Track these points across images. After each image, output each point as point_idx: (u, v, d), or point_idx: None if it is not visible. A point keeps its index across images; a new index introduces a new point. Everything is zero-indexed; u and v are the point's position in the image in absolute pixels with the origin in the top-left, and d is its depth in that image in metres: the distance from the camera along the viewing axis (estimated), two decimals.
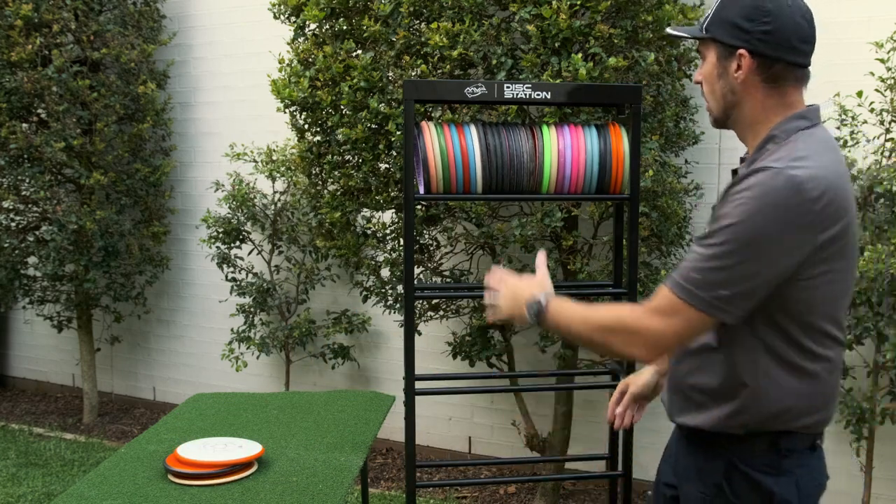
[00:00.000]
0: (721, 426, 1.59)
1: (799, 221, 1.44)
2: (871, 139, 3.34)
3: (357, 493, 3.88)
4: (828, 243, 1.47)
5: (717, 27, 1.59)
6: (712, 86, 1.63)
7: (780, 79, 1.56)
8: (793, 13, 1.54)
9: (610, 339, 1.58)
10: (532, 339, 4.06)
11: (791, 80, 1.57)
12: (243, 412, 2.74)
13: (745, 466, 1.58)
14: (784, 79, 1.56)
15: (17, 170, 4.66)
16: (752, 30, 1.54)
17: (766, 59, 1.54)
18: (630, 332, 1.55)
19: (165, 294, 5.43)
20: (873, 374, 3.33)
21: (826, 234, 1.46)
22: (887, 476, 3.56)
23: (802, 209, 1.43)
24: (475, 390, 2.79)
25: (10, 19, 4.51)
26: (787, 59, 1.54)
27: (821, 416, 1.58)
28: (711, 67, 1.62)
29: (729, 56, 1.58)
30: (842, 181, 1.50)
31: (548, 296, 1.68)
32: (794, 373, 1.54)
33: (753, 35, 1.54)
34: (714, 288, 1.47)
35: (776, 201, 1.43)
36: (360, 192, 3.58)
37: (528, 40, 3.18)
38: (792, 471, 1.59)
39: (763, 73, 1.55)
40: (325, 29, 3.54)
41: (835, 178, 1.48)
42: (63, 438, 4.96)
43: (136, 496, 2.02)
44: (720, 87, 1.61)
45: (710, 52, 1.62)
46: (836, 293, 1.53)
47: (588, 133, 2.42)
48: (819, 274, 1.48)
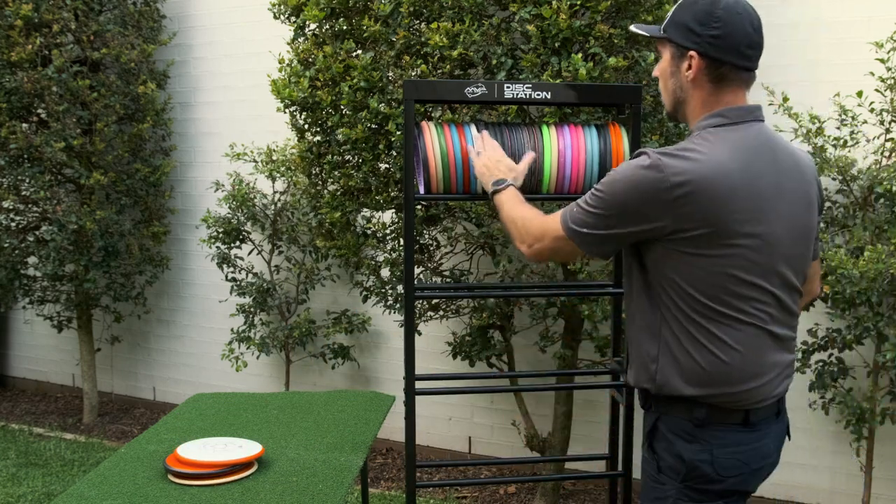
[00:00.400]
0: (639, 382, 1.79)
1: (654, 199, 1.63)
2: (871, 139, 3.34)
3: (357, 493, 3.88)
4: (687, 230, 1.62)
5: (673, 29, 1.74)
6: (666, 82, 1.80)
7: (725, 79, 1.71)
8: (742, 20, 1.68)
9: (512, 230, 1.94)
10: (532, 339, 4.06)
11: (734, 82, 1.72)
12: (243, 412, 2.74)
13: (665, 429, 1.74)
14: (729, 80, 1.71)
15: (17, 170, 4.66)
16: (703, 33, 1.68)
17: (714, 62, 1.69)
18: (525, 229, 1.89)
19: (165, 294, 5.43)
20: (873, 374, 3.33)
21: (683, 222, 1.62)
22: (887, 476, 3.57)
23: (660, 188, 1.62)
24: (475, 390, 2.78)
25: (10, 19, 4.51)
26: (733, 62, 1.69)
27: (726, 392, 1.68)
28: (666, 65, 1.78)
29: (681, 56, 1.73)
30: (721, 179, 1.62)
31: (512, 184, 2.07)
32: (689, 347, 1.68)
33: (704, 38, 1.69)
34: (581, 225, 1.75)
35: (639, 178, 1.64)
36: (360, 192, 3.58)
37: (528, 40, 3.18)
38: (707, 440, 1.70)
39: (710, 73, 1.71)
40: (325, 29, 3.54)
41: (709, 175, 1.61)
42: (63, 438, 4.96)
43: (136, 496, 2.02)
44: (672, 83, 1.78)
45: (666, 51, 1.78)
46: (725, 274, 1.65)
47: (588, 133, 2.42)
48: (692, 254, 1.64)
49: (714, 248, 1.64)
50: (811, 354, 3.34)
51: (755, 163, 1.68)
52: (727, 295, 1.66)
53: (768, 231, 1.67)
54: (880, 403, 3.31)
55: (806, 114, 3.33)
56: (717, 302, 1.66)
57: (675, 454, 1.72)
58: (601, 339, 3.57)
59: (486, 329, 3.77)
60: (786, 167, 1.73)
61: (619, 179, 1.69)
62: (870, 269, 2.93)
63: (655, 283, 1.73)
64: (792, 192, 1.73)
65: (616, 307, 2.66)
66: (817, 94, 3.54)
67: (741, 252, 1.65)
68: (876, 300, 3.02)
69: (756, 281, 1.68)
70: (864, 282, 2.96)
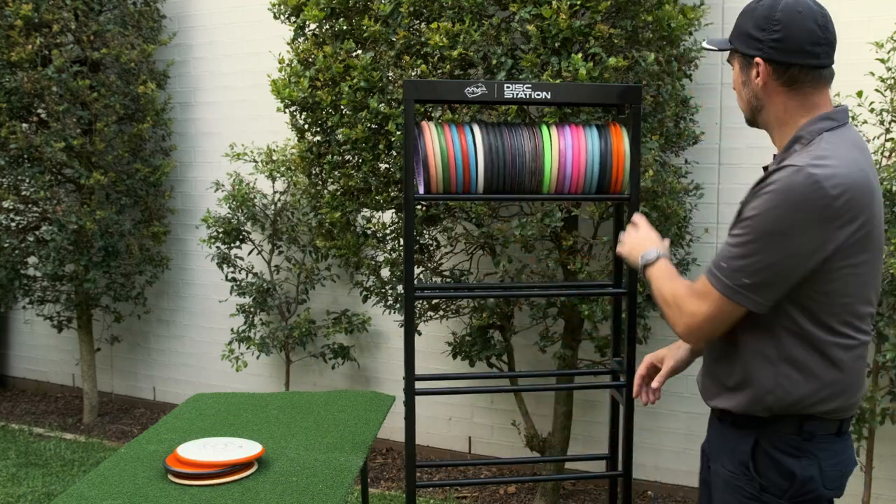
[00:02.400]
0: (747, 409, 1.69)
1: (818, 217, 1.54)
2: (871, 139, 3.34)
3: (357, 493, 3.88)
4: (849, 238, 1.57)
5: (738, 39, 1.73)
6: (740, 92, 1.77)
7: (798, 81, 1.67)
8: (804, 19, 1.65)
9: (666, 310, 1.77)
10: (532, 339, 4.06)
11: (809, 82, 1.67)
12: (243, 412, 2.74)
13: (770, 447, 1.68)
14: (801, 81, 1.67)
15: (17, 170, 4.66)
16: (765, 38, 1.66)
17: (780, 65, 1.66)
18: (676, 308, 1.72)
19: (165, 294, 5.43)
20: (873, 374, 3.33)
21: (846, 230, 1.56)
22: (887, 476, 3.57)
23: (820, 205, 1.54)
24: (475, 390, 2.78)
25: (10, 19, 4.51)
26: (799, 62, 1.65)
27: (842, 402, 1.66)
28: (737, 76, 1.76)
29: (749, 65, 1.71)
30: (864, 179, 1.59)
31: (661, 255, 1.88)
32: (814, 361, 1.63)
33: (766, 43, 1.66)
34: (738, 276, 1.60)
35: (795, 197, 1.54)
36: (360, 192, 3.58)
37: (528, 40, 3.18)
38: (815, 454, 1.66)
39: (780, 77, 1.67)
40: (325, 29, 3.54)
41: (856, 176, 1.57)
42: (63, 438, 4.96)
43: (136, 496, 2.02)
44: (746, 93, 1.75)
45: (735, 62, 1.77)
46: (856, 286, 1.62)
47: (588, 133, 2.42)
48: (841, 268, 1.58)
49: (863, 254, 1.60)
50: None
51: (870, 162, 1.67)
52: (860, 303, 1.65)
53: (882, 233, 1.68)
54: (880, 403, 3.31)
55: None
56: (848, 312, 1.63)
57: (784, 472, 1.67)
58: (601, 339, 3.57)
59: (486, 329, 3.77)
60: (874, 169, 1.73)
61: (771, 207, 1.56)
62: None
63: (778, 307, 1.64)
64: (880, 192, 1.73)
65: (616, 307, 2.66)
66: None
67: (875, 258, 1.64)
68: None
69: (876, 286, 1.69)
70: None
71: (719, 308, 1.64)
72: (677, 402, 3.97)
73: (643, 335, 3.71)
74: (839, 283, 1.60)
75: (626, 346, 2.48)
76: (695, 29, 3.52)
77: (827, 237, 1.56)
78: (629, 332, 2.47)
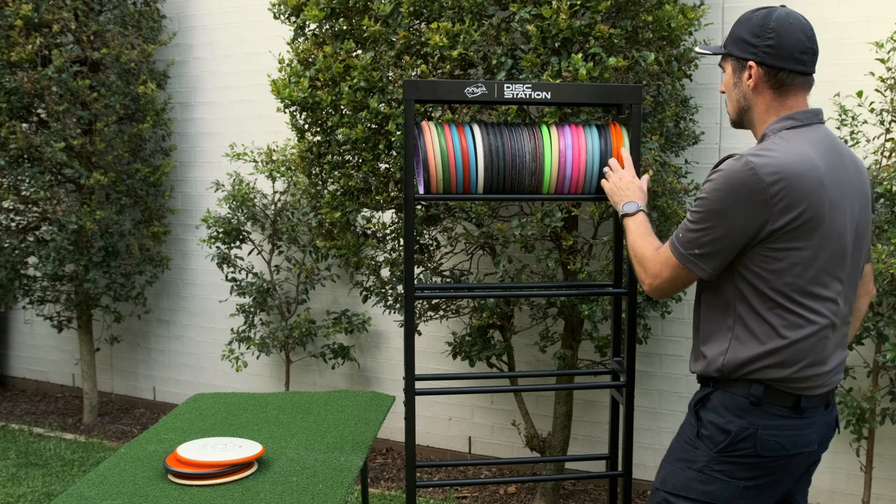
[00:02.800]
0: (706, 370, 1.91)
1: (754, 200, 1.75)
2: (871, 139, 3.34)
3: (357, 493, 3.88)
4: (790, 223, 1.75)
5: (732, 44, 1.91)
6: (730, 93, 1.95)
7: (785, 85, 1.86)
8: (794, 29, 1.84)
9: (634, 265, 2.00)
10: (532, 339, 4.06)
11: (794, 87, 1.87)
12: (243, 412, 2.74)
13: (718, 403, 1.88)
14: (788, 85, 1.86)
15: (17, 170, 4.66)
16: (759, 44, 1.85)
17: (772, 69, 1.85)
18: (642, 267, 1.96)
19: (165, 294, 5.43)
20: (873, 374, 3.33)
21: (785, 216, 1.74)
22: (887, 476, 3.57)
23: (756, 189, 1.74)
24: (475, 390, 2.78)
25: (10, 19, 4.51)
26: (789, 68, 1.84)
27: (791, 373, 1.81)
28: (729, 78, 1.94)
29: (742, 68, 1.90)
30: (806, 170, 1.76)
31: (640, 208, 2.14)
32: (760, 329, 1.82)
33: (760, 48, 1.85)
34: (690, 246, 1.84)
35: (734, 182, 1.77)
36: (360, 192, 3.58)
37: (528, 40, 3.18)
38: (755, 421, 1.83)
39: (770, 80, 1.86)
40: (325, 29, 3.54)
41: (797, 167, 1.75)
42: (63, 438, 4.96)
43: (136, 496, 2.02)
44: (736, 94, 1.93)
45: (728, 65, 1.95)
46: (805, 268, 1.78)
47: (588, 133, 2.42)
48: (786, 249, 1.77)
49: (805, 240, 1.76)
50: None
51: (832, 159, 1.83)
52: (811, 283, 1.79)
53: (843, 225, 1.82)
54: (880, 403, 3.31)
55: None
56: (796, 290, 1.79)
57: (721, 427, 1.85)
58: (601, 339, 3.57)
59: (486, 329, 3.77)
60: (850, 166, 1.88)
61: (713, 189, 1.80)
62: None
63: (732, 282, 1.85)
64: (855, 190, 1.88)
65: (616, 307, 2.66)
66: (817, 94, 3.52)
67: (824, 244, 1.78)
68: (876, 300, 3.02)
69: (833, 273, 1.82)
70: None
71: (676, 273, 1.88)
72: (677, 402, 3.97)
73: (643, 335, 3.71)
74: (785, 264, 1.77)
75: (626, 346, 2.48)
76: (695, 29, 3.52)
77: (761, 219, 1.75)
78: (629, 332, 2.48)
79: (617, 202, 2.24)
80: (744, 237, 1.78)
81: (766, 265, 1.79)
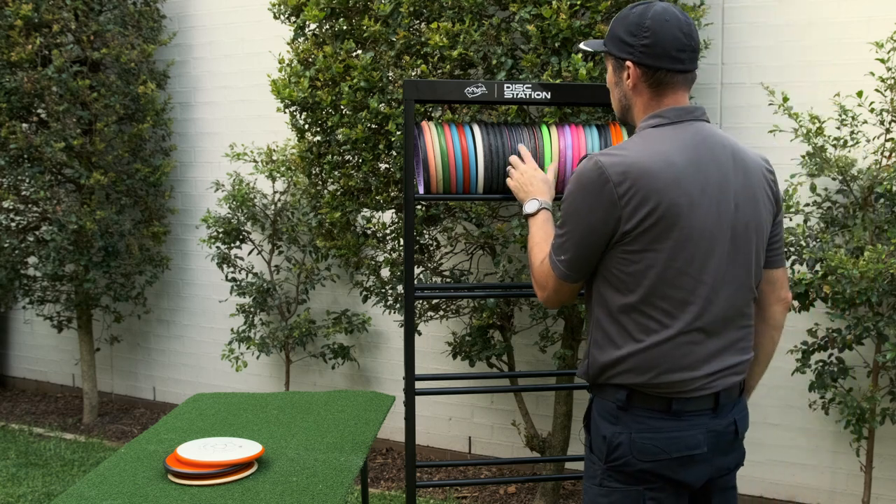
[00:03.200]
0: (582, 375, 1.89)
1: (603, 200, 1.70)
2: (871, 139, 3.34)
3: (357, 493, 3.88)
4: (642, 222, 1.68)
5: (611, 42, 1.85)
6: (613, 91, 1.90)
7: (663, 84, 1.79)
8: (670, 27, 1.76)
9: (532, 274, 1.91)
10: (532, 339, 4.06)
11: (672, 85, 1.80)
12: (243, 412, 2.74)
13: (595, 411, 1.85)
14: (666, 84, 1.79)
15: (17, 170, 4.66)
16: (635, 43, 1.78)
17: (649, 68, 1.78)
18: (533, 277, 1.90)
19: (165, 294, 5.43)
20: (873, 374, 3.33)
21: (633, 216, 1.68)
22: (887, 476, 3.57)
23: (605, 189, 1.69)
24: (475, 390, 2.78)
25: (10, 19, 4.51)
26: (667, 67, 1.77)
27: (652, 378, 1.74)
28: (611, 76, 1.89)
29: (621, 67, 1.83)
30: (658, 168, 1.69)
31: (542, 206, 2.05)
32: (618, 333, 1.76)
33: (636, 48, 1.78)
34: (559, 253, 1.80)
35: (584, 182, 1.73)
36: (360, 192, 3.58)
37: (528, 40, 3.18)
38: (628, 424, 1.77)
39: (648, 79, 1.79)
40: (325, 29, 3.54)
41: (648, 165, 1.68)
42: (63, 438, 4.96)
43: (136, 496, 2.02)
44: (617, 92, 1.87)
45: (609, 63, 1.89)
46: (662, 270, 1.71)
47: (588, 133, 2.42)
48: (641, 251, 1.70)
49: (660, 241, 1.69)
50: (811, 354, 3.34)
51: (696, 157, 1.73)
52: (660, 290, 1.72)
53: (707, 226, 1.72)
54: (880, 403, 3.31)
55: (806, 114, 3.33)
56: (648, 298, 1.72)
57: (601, 434, 1.80)
58: None
59: (486, 329, 3.77)
60: (728, 165, 1.77)
61: (568, 192, 1.77)
62: (870, 269, 2.93)
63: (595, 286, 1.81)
64: (734, 190, 1.76)
65: None
66: (817, 94, 3.54)
67: (681, 245, 1.70)
68: (876, 300, 3.02)
69: (696, 275, 1.72)
70: (864, 282, 2.96)
71: (558, 282, 1.82)
72: None
73: None
74: (640, 266, 1.71)
75: None
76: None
77: (614, 219, 1.69)
78: None
79: (522, 200, 2.16)
80: (601, 239, 1.72)
81: (622, 267, 1.72)
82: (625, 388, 1.77)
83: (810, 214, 3.36)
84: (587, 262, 1.77)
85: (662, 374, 1.74)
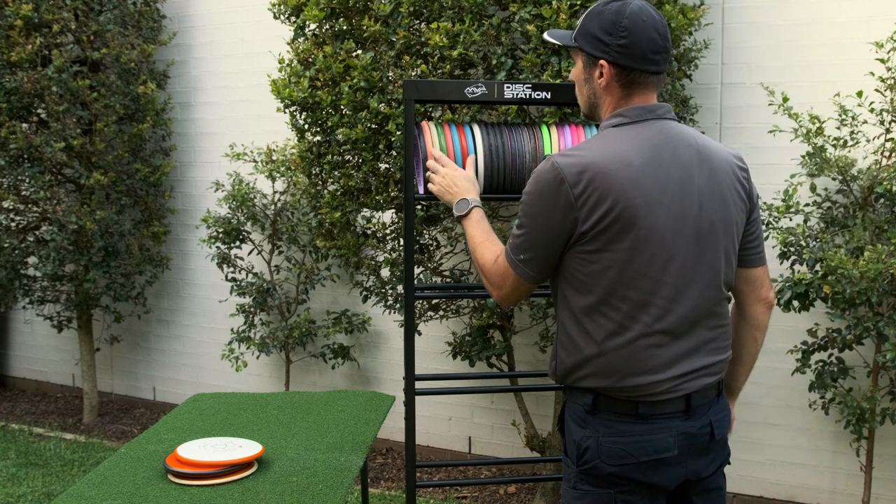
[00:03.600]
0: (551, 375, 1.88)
1: (561, 200, 1.68)
2: (871, 139, 3.34)
3: (357, 493, 3.88)
4: (600, 222, 1.66)
5: (583, 38, 1.80)
6: (581, 88, 1.86)
7: (635, 84, 1.76)
8: (647, 28, 1.73)
9: (481, 277, 1.91)
10: (532, 339, 4.06)
11: (642, 85, 1.77)
12: (243, 412, 2.74)
13: (567, 413, 1.84)
14: (637, 84, 1.76)
15: (17, 170, 4.66)
16: (611, 43, 1.74)
17: (624, 69, 1.75)
18: (486, 278, 1.88)
19: (165, 294, 5.43)
20: (873, 374, 3.33)
21: (589, 216, 1.66)
22: (887, 476, 3.57)
23: (562, 189, 1.67)
24: (475, 390, 2.78)
25: (10, 19, 4.51)
26: (642, 68, 1.75)
27: (614, 382, 1.72)
28: (579, 72, 1.85)
29: (593, 65, 1.79)
30: (616, 167, 1.66)
31: (473, 204, 2.04)
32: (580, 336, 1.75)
33: (612, 48, 1.74)
34: (517, 251, 1.78)
35: (542, 182, 1.71)
36: (360, 192, 3.58)
37: (528, 40, 3.18)
38: (596, 428, 1.75)
39: (621, 79, 1.76)
40: (325, 29, 3.54)
41: (606, 164, 1.66)
42: (63, 438, 4.96)
43: (136, 496, 2.02)
44: (586, 89, 1.84)
45: (578, 58, 1.85)
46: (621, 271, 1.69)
47: (588, 133, 2.42)
48: (598, 251, 1.68)
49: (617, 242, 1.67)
50: (811, 354, 3.34)
51: (656, 156, 1.70)
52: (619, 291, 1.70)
53: (668, 226, 1.68)
54: (880, 403, 3.31)
55: (806, 114, 3.33)
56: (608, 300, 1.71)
57: (572, 438, 1.79)
58: None
59: (486, 329, 3.77)
60: (689, 163, 1.73)
61: (526, 192, 1.75)
62: (870, 269, 2.93)
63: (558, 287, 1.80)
64: (698, 189, 1.72)
65: None
66: (817, 94, 3.54)
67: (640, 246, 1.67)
68: (876, 300, 3.02)
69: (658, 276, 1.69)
70: (864, 282, 2.96)
71: (515, 280, 1.80)
72: None
73: None
74: (599, 266, 1.69)
75: None
76: (695, 29, 3.52)
77: (570, 219, 1.68)
78: None
79: (450, 202, 2.12)
80: (559, 239, 1.71)
81: (580, 267, 1.70)
82: (591, 392, 1.76)
83: (810, 214, 3.36)
84: (547, 263, 1.76)
85: (625, 378, 1.71)
